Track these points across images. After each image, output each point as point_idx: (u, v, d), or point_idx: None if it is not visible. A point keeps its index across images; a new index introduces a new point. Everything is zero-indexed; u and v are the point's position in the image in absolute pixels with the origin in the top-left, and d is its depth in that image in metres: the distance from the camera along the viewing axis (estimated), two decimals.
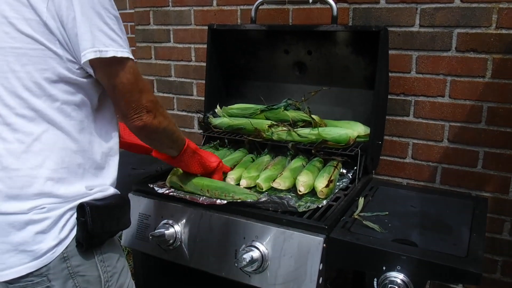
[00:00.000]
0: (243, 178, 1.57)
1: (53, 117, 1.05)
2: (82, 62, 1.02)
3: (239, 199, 1.39)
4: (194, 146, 1.43)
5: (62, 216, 1.06)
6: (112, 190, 1.16)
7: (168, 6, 2.32)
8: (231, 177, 1.59)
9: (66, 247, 1.06)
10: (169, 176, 1.54)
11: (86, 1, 1.00)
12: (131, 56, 1.08)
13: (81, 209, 1.06)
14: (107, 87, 1.09)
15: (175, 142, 1.32)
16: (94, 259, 1.11)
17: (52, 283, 1.05)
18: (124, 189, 1.58)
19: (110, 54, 1.02)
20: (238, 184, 1.57)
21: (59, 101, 1.05)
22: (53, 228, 1.04)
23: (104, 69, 1.06)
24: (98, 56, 1.01)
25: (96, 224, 1.06)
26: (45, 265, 1.04)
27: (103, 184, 1.14)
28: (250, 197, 1.39)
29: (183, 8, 2.28)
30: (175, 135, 1.29)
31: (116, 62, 1.05)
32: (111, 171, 1.17)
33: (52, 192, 1.05)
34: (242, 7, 2.12)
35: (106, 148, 1.15)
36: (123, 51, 1.05)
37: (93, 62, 1.04)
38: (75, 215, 1.08)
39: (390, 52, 1.79)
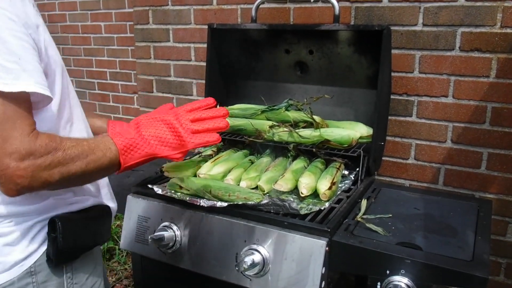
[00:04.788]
0: (243, 179, 1.54)
1: None
2: None
3: (245, 198, 1.37)
4: (144, 154, 1.05)
5: (30, 229, 1.01)
6: (91, 201, 1.11)
7: (168, 5, 2.30)
8: (230, 178, 1.56)
9: (35, 261, 1.01)
10: (170, 180, 1.52)
11: None
12: (3, 89, 0.83)
13: (52, 224, 1.01)
14: None
15: (98, 173, 0.99)
16: (62, 276, 1.06)
17: None
18: (123, 191, 1.57)
19: None
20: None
21: None
22: (21, 241, 1.00)
23: None
24: None
25: (67, 240, 1.00)
26: (10, 279, 0.99)
27: (81, 194, 1.09)
28: (256, 197, 1.37)
29: (182, 7, 2.26)
30: (88, 170, 0.94)
31: None
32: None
33: (19, 202, 0.98)
34: (242, 6, 2.10)
35: None
36: None
37: None
38: (45, 228, 1.03)
39: (393, 51, 1.77)
